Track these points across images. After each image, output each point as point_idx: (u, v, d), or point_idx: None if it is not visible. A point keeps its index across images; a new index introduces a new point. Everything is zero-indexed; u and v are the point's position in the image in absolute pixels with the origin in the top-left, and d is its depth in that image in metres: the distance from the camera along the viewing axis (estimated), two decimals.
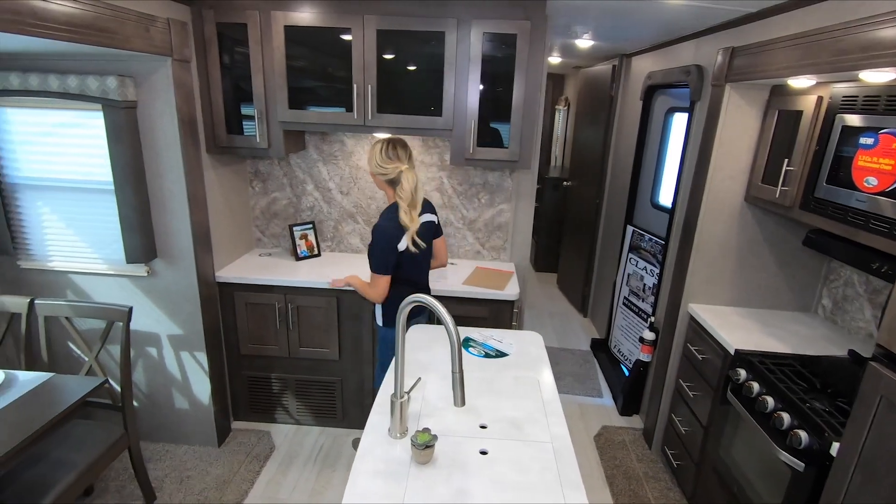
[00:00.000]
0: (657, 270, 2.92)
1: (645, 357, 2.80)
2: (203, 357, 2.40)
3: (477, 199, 2.77)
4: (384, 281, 1.94)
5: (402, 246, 1.93)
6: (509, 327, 2.43)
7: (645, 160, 3.28)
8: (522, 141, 2.28)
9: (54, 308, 1.99)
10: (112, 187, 2.09)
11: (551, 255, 5.34)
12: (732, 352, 1.94)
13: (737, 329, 2.10)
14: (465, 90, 2.21)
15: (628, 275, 3.33)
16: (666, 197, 3.01)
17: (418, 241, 1.95)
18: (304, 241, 2.75)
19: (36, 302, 1.99)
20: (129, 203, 2.09)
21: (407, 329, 1.92)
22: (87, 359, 2.04)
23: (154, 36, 1.87)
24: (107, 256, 2.26)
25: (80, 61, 2.00)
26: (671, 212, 2.67)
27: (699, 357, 2.18)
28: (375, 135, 2.62)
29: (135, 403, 2.50)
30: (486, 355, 1.79)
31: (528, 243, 2.81)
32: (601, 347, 3.72)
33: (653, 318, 2.81)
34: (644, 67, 3.27)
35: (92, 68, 1.98)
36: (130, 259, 2.16)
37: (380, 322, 2.10)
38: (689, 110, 2.51)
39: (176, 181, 2.14)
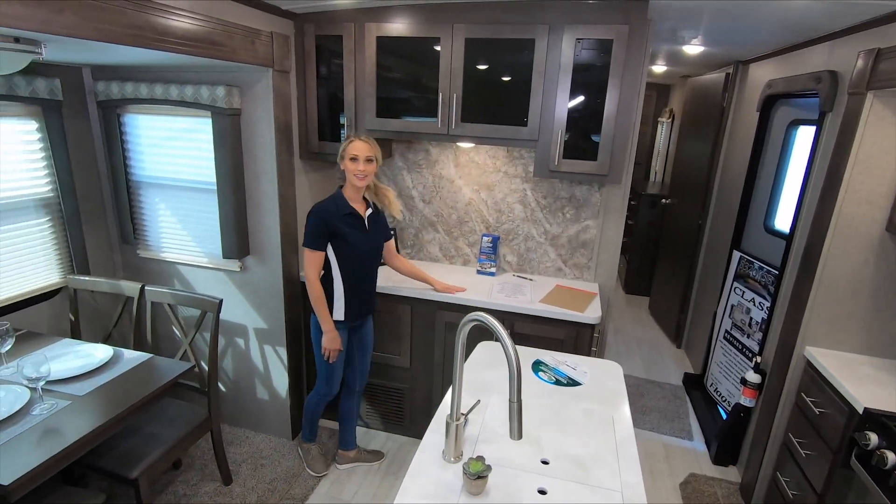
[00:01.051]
0: (767, 304, 2.57)
1: (747, 401, 2.46)
2: (283, 352, 2.52)
3: (561, 214, 2.63)
4: None
5: None
6: (588, 353, 2.26)
7: (759, 178, 2.91)
8: (613, 153, 2.12)
9: (159, 295, 2.20)
10: (215, 188, 2.27)
11: (644, 277, 4.97)
12: (861, 410, 1.62)
13: (868, 383, 1.76)
14: (552, 99, 2.11)
15: (732, 306, 2.97)
16: (783, 221, 2.64)
17: None
18: None
19: (146, 288, 2.21)
20: (229, 203, 2.26)
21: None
22: (183, 342, 2.23)
23: (258, 48, 2.00)
24: (207, 251, 2.46)
25: (196, 73, 2.20)
26: (789, 238, 2.33)
27: (816, 411, 1.86)
28: (459, 144, 2.60)
29: (222, 388, 2.69)
30: (557, 382, 1.67)
31: (615, 263, 2.61)
32: (695, 384, 3.35)
33: (759, 359, 2.47)
34: (763, 75, 2.92)
35: (205, 79, 2.18)
36: (226, 254, 2.33)
37: None
38: (818, 123, 2.18)
39: (269, 183, 2.28)
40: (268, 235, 2.36)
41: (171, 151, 2.35)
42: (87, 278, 2.27)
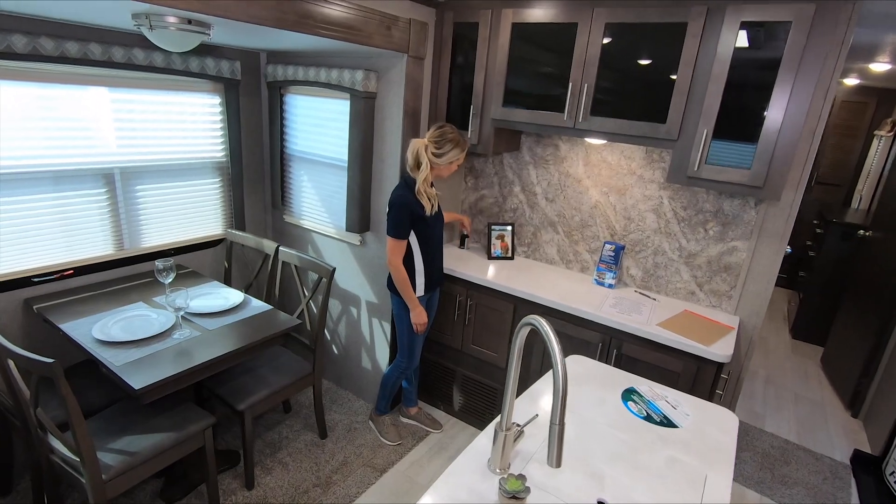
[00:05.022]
0: None
1: None
2: (388, 328, 2.63)
3: (703, 230, 2.26)
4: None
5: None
6: (709, 397, 1.92)
7: None
8: (773, 164, 1.74)
9: (288, 256, 2.46)
10: (346, 165, 2.45)
11: (820, 322, 4.07)
12: None
13: None
14: (700, 94, 1.81)
15: None
16: None
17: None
18: (500, 241, 2.74)
19: (280, 249, 2.49)
20: (356, 180, 2.42)
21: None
22: (301, 300, 2.47)
23: (394, 34, 2.09)
24: (335, 223, 2.68)
25: (341, 58, 2.39)
26: None
27: None
28: (588, 140, 2.40)
29: (334, 350, 2.93)
30: (648, 417, 1.44)
31: (765, 296, 2.17)
32: (868, 467, 2.64)
33: None
34: None
35: (347, 64, 2.35)
36: (349, 228, 2.51)
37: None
38: None
39: (393, 166, 2.38)
40: (385, 214, 2.47)
41: (316, 129, 2.60)
42: (239, 233, 2.65)
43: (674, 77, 1.84)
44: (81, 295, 2.12)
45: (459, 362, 2.64)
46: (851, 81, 4.40)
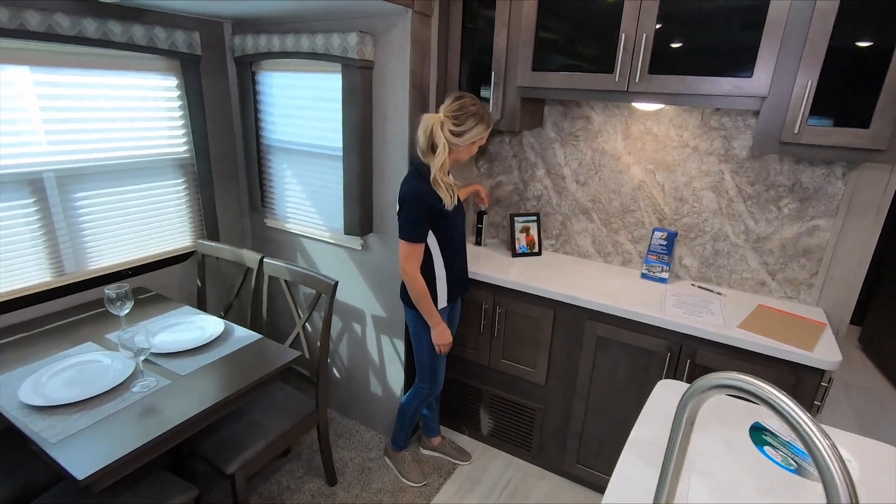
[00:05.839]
0: None
1: None
2: (401, 345, 2.21)
3: (775, 208, 1.90)
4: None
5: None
6: (812, 411, 1.57)
7: None
8: None
9: (276, 269, 2.01)
10: (341, 154, 2.00)
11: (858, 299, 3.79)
12: None
13: None
14: (801, 35, 1.42)
15: None
16: None
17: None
18: (524, 234, 2.33)
19: (265, 260, 2.03)
20: (353, 171, 1.97)
21: None
22: (297, 323, 2.02)
23: None
24: (330, 225, 2.23)
25: (328, 21, 1.93)
26: None
27: None
28: (636, 105, 2.00)
29: (335, 374, 2.49)
30: (800, 470, 1.06)
31: (855, 284, 1.83)
32: None
33: None
34: None
35: (336, 27, 1.90)
36: (348, 230, 2.07)
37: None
38: None
39: (399, 149, 1.94)
40: (393, 212, 2.04)
41: (300, 112, 2.14)
42: (212, 244, 2.18)
43: (763, 17, 1.44)
44: (8, 339, 1.64)
45: (487, 380, 2.24)
46: None
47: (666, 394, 1.31)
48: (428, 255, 1.75)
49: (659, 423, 1.17)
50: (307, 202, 2.27)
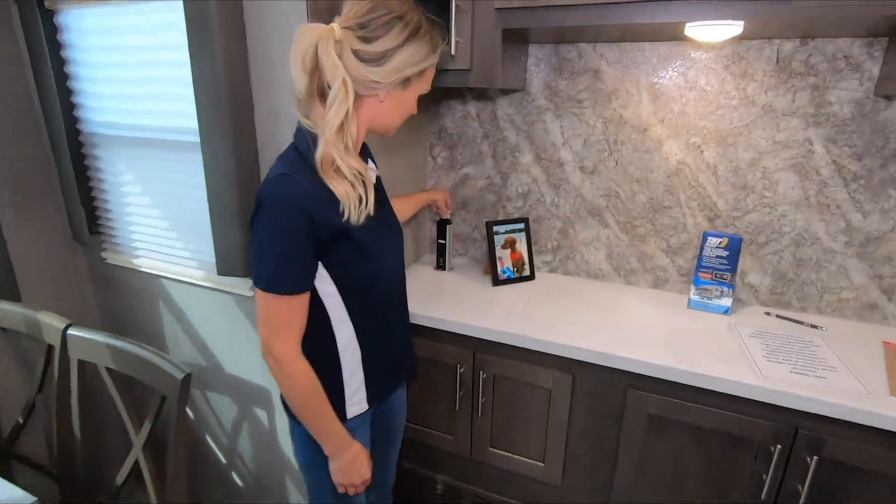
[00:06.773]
0: None
1: None
2: None
3: (895, 192, 1.24)
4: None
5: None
6: None
7: None
8: None
9: (89, 346, 1.12)
10: (198, 139, 1.16)
11: None
12: None
13: None
14: None
15: None
16: None
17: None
18: (508, 251, 1.57)
19: (69, 333, 1.15)
20: (221, 165, 1.14)
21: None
22: (134, 444, 1.13)
23: None
24: (202, 259, 1.38)
25: None
26: None
27: None
28: (692, 35, 1.25)
29: (238, 482, 1.63)
30: None
31: None
32: None
33: None
34: None
35: None
36: (222, 268, 1.22)
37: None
38: None
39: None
40: None
41: (134, 74, 1.28)
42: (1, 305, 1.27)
43: None
44: None
45: (471, 478, 1.46)
46: None
47: None
48: (320, 315, 0.93)
49: None
50: (163, 223, 1.40)
